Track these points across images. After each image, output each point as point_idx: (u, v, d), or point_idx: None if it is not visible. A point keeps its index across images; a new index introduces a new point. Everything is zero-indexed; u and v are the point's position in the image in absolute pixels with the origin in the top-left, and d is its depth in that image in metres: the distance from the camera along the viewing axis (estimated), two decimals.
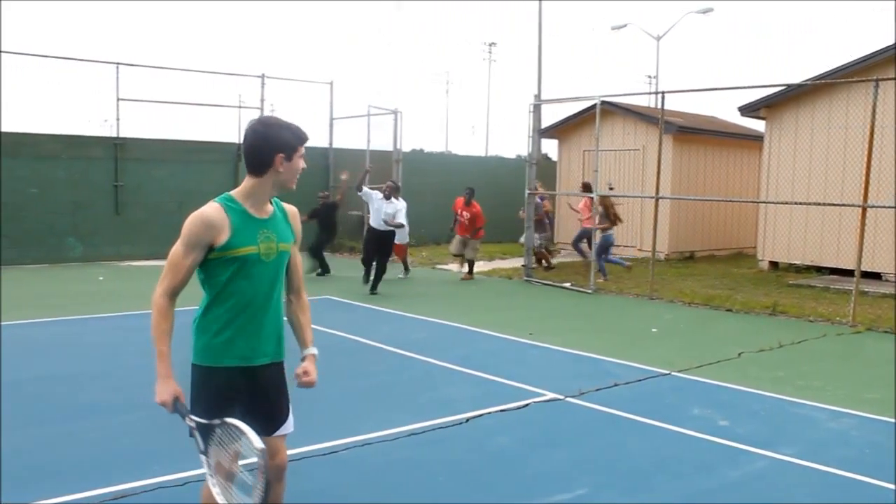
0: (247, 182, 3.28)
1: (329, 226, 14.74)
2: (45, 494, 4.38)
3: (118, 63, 16.35)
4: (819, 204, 13.36)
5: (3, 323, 9.26)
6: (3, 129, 15.31)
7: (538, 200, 15.41)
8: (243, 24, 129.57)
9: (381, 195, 12.67)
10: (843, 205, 12.61)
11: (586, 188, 15.09)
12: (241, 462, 3.15)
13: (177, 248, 3.17)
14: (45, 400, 6.34)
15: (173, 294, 3.19)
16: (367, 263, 12.77)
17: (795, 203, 14.33)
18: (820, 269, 15.35)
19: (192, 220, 3.16)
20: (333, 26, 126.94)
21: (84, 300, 11.25)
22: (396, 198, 12.83)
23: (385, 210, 12.50)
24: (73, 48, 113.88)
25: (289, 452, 3.91)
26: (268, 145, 3.22)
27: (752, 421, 6.20)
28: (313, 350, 3.53)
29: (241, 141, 3.36)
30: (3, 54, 15.02)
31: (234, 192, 3.28)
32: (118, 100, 16.32)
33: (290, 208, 3.47)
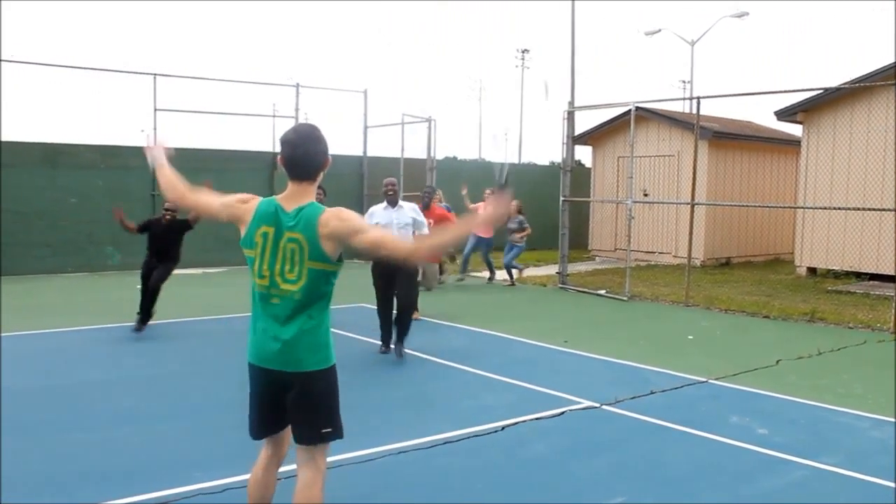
0: (309, 188, 3.43)
1: (172, 251, 9.86)
2: (88, 499, 4.45)
3: (155, 74, 16.60)
4: (858, 209, 13.17)
5: (44, 331, 9.49)
6: (46, 140, 15.66)
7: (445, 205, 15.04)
8: (277, 34, 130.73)
9: (381, 205, 9.00)
10: (883, 209, 12.42)
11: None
12: None
13: (368, 225, 3.47)
14: (88, 406, 6.44)
15: None
16: (385, 312, 8.74)
17: (834, 208, 14.15)
18: (859, 275, 15.14)
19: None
20: (367, 34, 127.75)
21: (123, 308, 11.39)
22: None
23: (398, 220, 8.72)
24: (112, 60, 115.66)
25: (326, 460, 3.96)
26: (326, 149, 3.45)
27: (791, 429, 6.13)
28: None
29: (294, 148, 3.39)
30: (3, 63, 15.17)
31: (316, 202, 3.42)
32: (155, 110, 16.56)
33: None
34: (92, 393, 6.84)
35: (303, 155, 3.36)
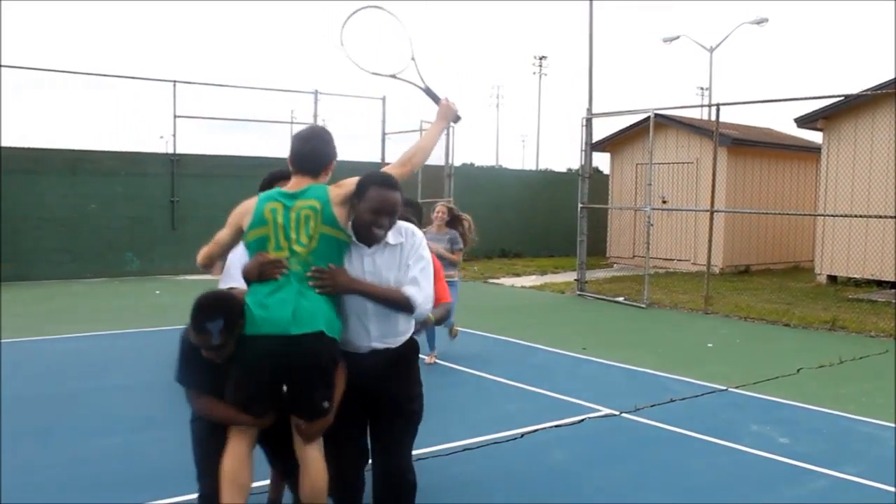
0: (312, 182, 3.55)
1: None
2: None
3: (175, 81, 16.68)
4: (880, 216, 13.04)
5: (61, 336, 9.55)
6: (67, 147, 15.81)
7: None
8: (296, 41, 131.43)
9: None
10: None
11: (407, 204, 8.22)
12: None
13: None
14: (107, 411, 6.47)
15: None
16: (348, 480, 3.89)
17: (855, 216, 14.03)
18: (881, 283, 14.99)
19: None
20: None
21: (142, 314, 11.46)
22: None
23: (374, 273, 3.58)
24: (132, 67, 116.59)
25: None
26: (334, 152, 3.67)
27: (813, 438, 6.07)
28: None
29: (304, 142, 3.63)
30: (3, 69, 15.18)
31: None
32: (175, 117, 16.63)
33: None
34: (113, 398, 6.87)
35: (311, 150, 3.58)
